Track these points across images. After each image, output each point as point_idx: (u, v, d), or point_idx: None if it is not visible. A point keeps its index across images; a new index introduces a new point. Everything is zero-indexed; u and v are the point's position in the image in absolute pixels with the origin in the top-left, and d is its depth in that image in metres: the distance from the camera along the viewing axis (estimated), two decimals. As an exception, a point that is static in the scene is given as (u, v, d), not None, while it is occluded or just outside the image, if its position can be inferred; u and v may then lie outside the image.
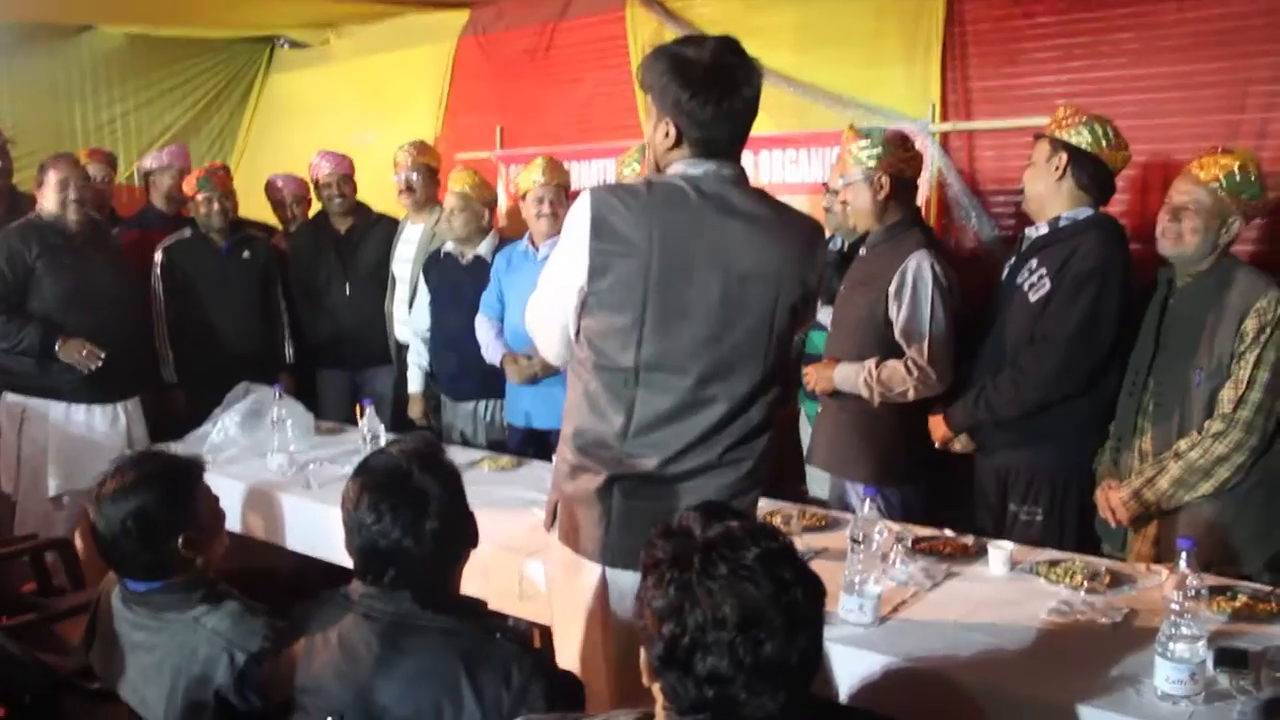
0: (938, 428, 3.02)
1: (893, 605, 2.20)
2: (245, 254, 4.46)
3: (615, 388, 2.00)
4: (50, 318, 3.85)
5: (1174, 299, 2.68)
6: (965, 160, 3.74)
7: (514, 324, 3.69)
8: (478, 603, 1.86)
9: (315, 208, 4.79)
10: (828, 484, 3.27)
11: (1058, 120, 2.85)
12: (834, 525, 2.77)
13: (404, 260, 4.41)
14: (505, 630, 1.80)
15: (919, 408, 3.02)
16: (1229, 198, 2.55)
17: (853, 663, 2.00)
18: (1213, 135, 3.03)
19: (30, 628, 2.50)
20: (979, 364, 2.98)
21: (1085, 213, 2.83)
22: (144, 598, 2.00)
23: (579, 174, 4.57)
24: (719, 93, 1.93)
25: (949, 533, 2.66)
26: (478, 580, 2.01)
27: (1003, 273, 3.03)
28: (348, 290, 4.49)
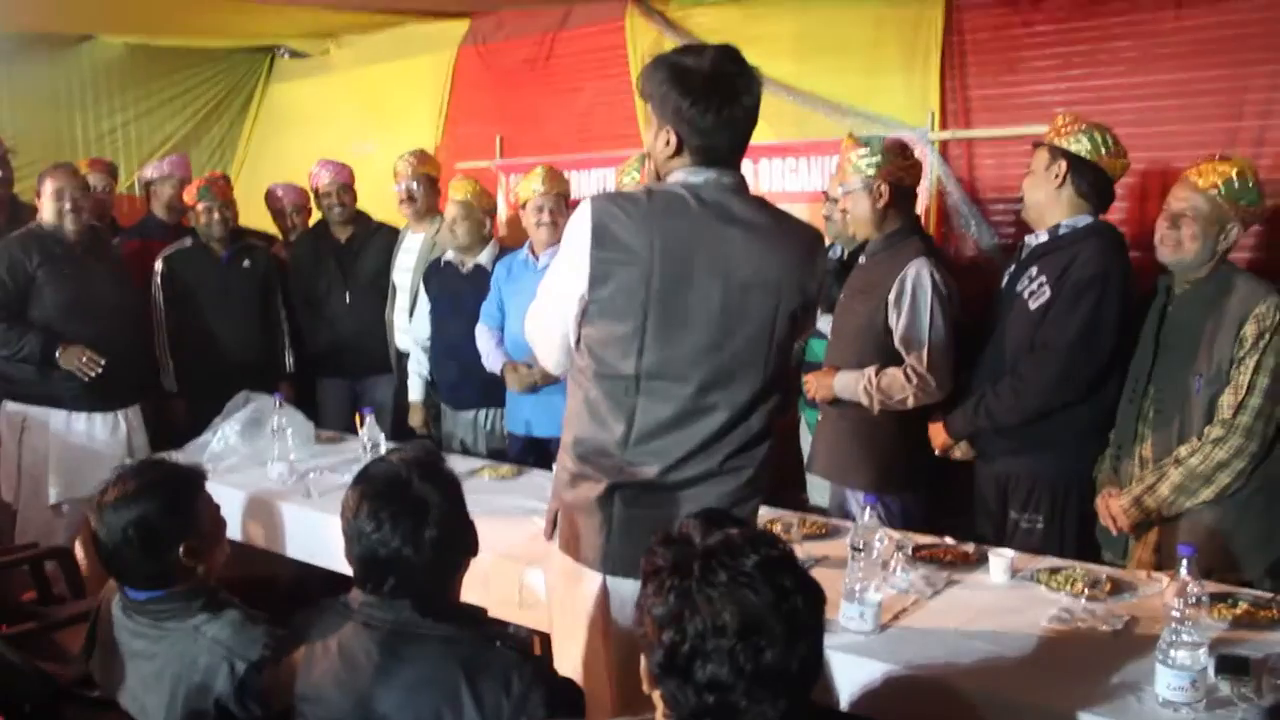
0: (938, 435, 3.02)
1: (893, 613, 2.20)
2: (245, 263, 4.46)
3: (616, 396, 2.00)
4: (51, 326, 3.85)
5: (1173, 306, 2.69)
6: (965, 168, 3.75)
7: (514, 333, 3.70)
8: (478, 610, 1.86)
9: (315, 217, 4.79)
10: (828, 492, 3.26)
11: (1056, 128, 2.86)
12: (834, 533, 2.77)
13: (404, 269, 4.41)
14: (505, 638, 1.79)
15: (919, 415, 3.02)
16: (1227, 204, 2.56)
17: (853, 670, 2.00)
18: (1211, 143, 3.04)
19: (30, 636, 2.49)
20: (979, 372, 2.98)
21: (1085, 220, 2.84)
22: (144, 606, 2.00)
23: (579, 183, 4.57)
24: (719, 101, 1.94)
25: (949, 540, 2.66)
26: (478, 589, 2.01)
27: (1002, 281, 3.04)
28: (348, 299, 4.48)
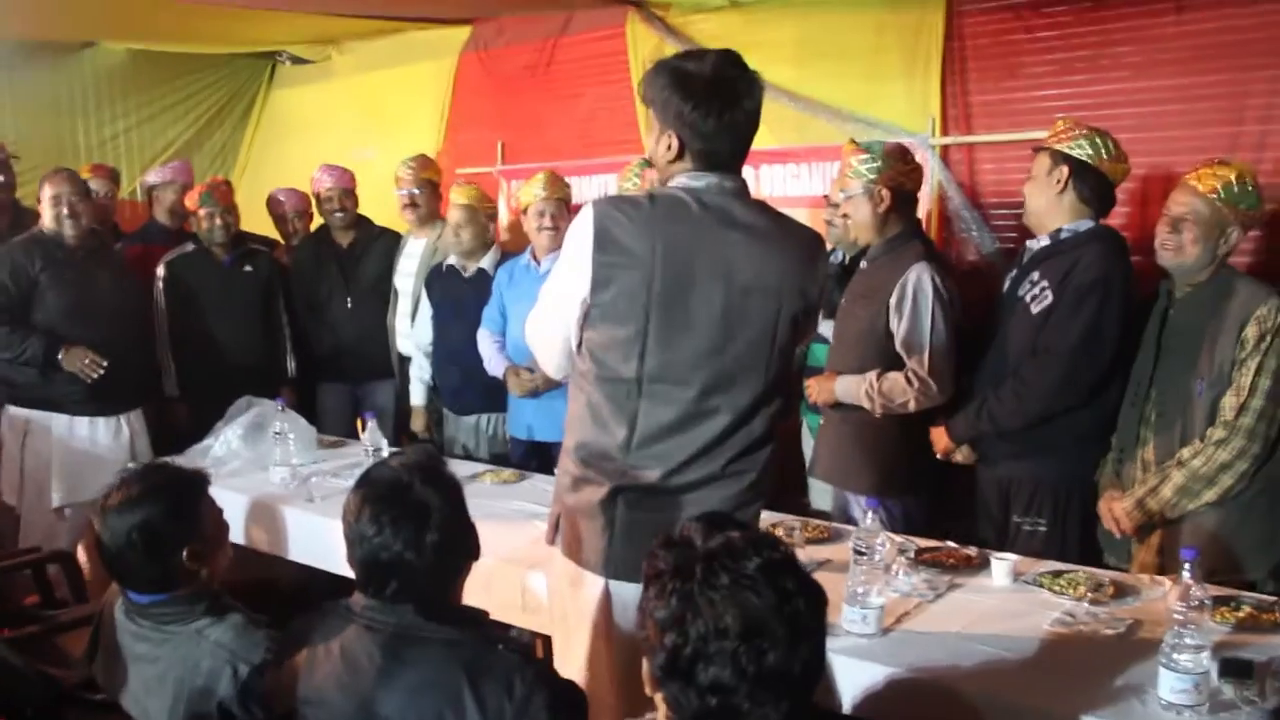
0: (940, 439, 3.01)
1: (896, 616, 2.20)
2: (247, 268, 4.46)
3: (618, 399, 2.00)
4: (54, 330, 3.85)
5: (1174, 309, 2.69)
6: (966, 174, 3.75)
7: (516, 337, 3.70)
8: (479, 613, 1.85)
9: (317, 222, 4.79)
10: (830, 496, 3.26)
11: (1057, 133, 2.86)
12: (837, 537, 2.77)
13: (406, 274, 4.41)
14: (507, 641, 1.79)
15: (920, 420, 3.02)
16: (1227, 208, 2.56)
17: (856, 674, 2.00)
18: (1212, 148, 3.04)
19: (33, 640, 2.49)
20: (981, 376, 2.98)
21: (1086, 225, 2.84)
22: (147, 610, 2.00)
23: (580, 189, 4.57)
24: (720, 105, 1.94)
25: (952, 544, 2.66)
26: (480, 592, 2.00)
27: (1003, 285, 3.04)
28: (349, 304, 4.48)
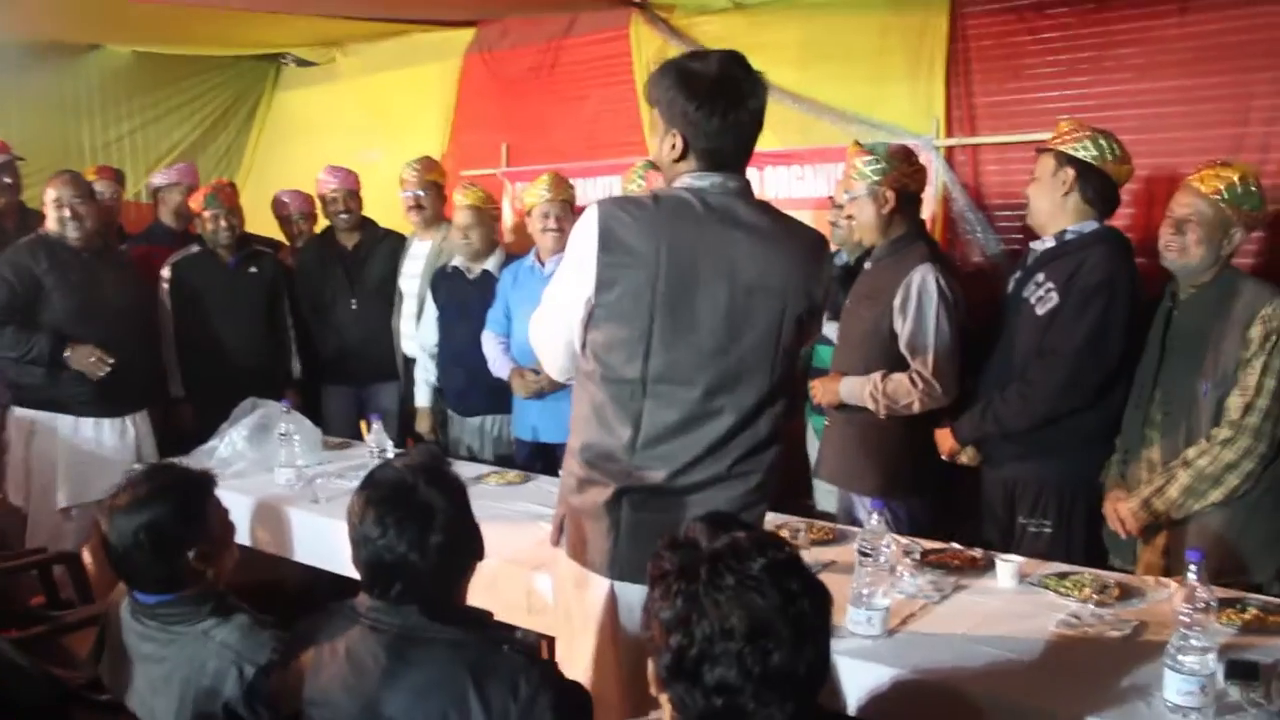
0: (945, 440, 3.01)
1: (901, 618, 2.20)
2: (252, 269, 4.46)
3: (622, 400, 2.00)
4: (60, 331, 3.86)
5: (1178, 310, 2.69)
6: (970, 175, 3.75)
7: (520, 339, 3.70)
8: (484, 614, 1.85)
9: (321, 224, 4.79)
10: (835, 497, 3.26)
11: (1061, 134, 2.86)
12: (842, 539, 2.77)
13: (411, 276, 4.41)
14: (512, 642, 1.79)
15: (925, 421, 3.02)
16: (1230, 209, 2.56)
17: (861, 675, 2.00)
18: (1216, 149, 3.03)
19: (39, 640, 2.50)
20: (986, 377, 2.98)
21: (1091, 226, 2.84)
22: (154, 610, 2.00)
23: (584, 190, 4.58)
24: (724, 104, 1.95)
25: (957, 546, 2.65)
26: (485, 593, 2.00)
27: (1008, 286, 3.04)
28: (354, 306, 4.49)
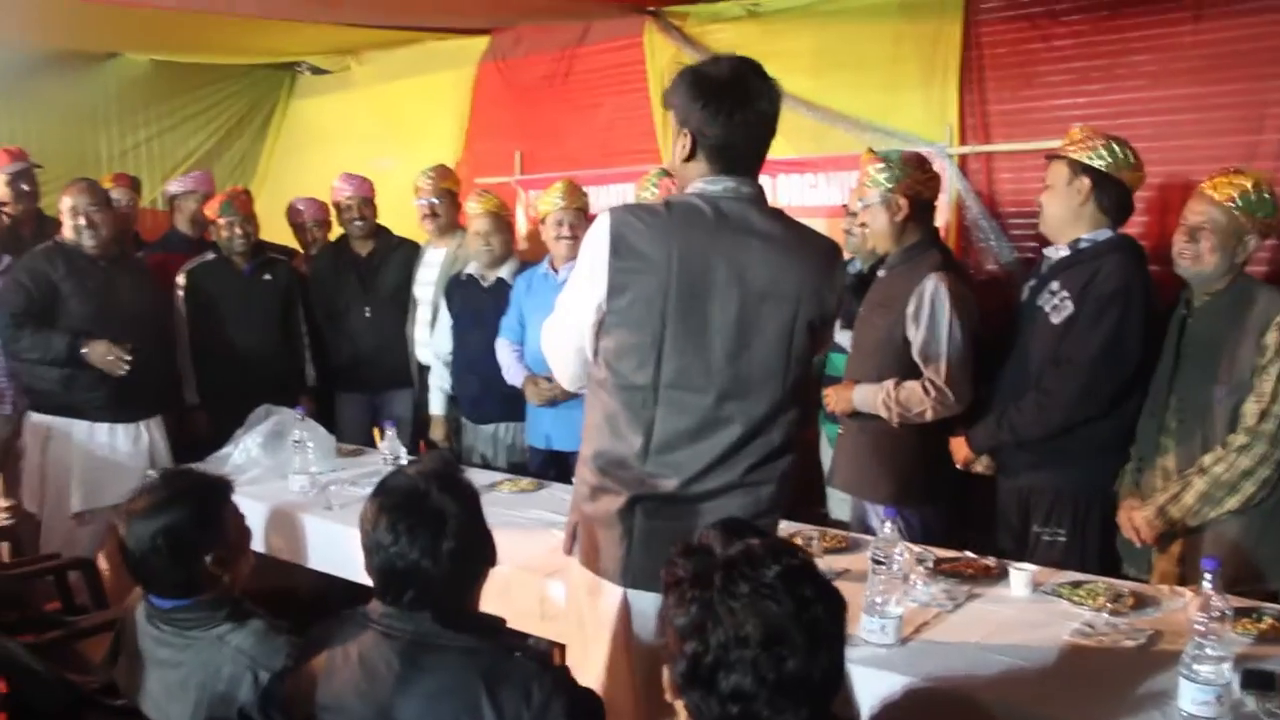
0: (960, 449, 3.01)
1: (914, 626, 2.19)
2: (267, 276, 4.49)
3: (634, 407, 2.00)
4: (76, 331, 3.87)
5: (1192, 318, 2.68)
6: (984, 183, 3.74)
7: (534, 347, 3.71)
8: (496, 620, 1.85)
9: (336, 232, 4.81)
10: (849, 506, 3.26)
11: (1074, 141, 2.85)
12: (855, 547, 2.76)
13: (425, 284, 4.42)
14: (525, 648, 1.79)
15: (939, 429, 3.01)
16: (1244, 216, 2.56)
17: (874, 683, 1.99)
18: (1230, 157, 3.03)
19: (54, 645, 2.51)
20: (1001, 385, 2.97)
21: (1105, 234, 2.83)
22: (170, 615, 2.01)
23: (598, 198, 4.57)
24: (731, 103, 1.96)
25: (970, 554, 2.64)
26: (498, 600, 2.01)
27: (1022, 294, 3.03)
28: (368, 313, 4.50)
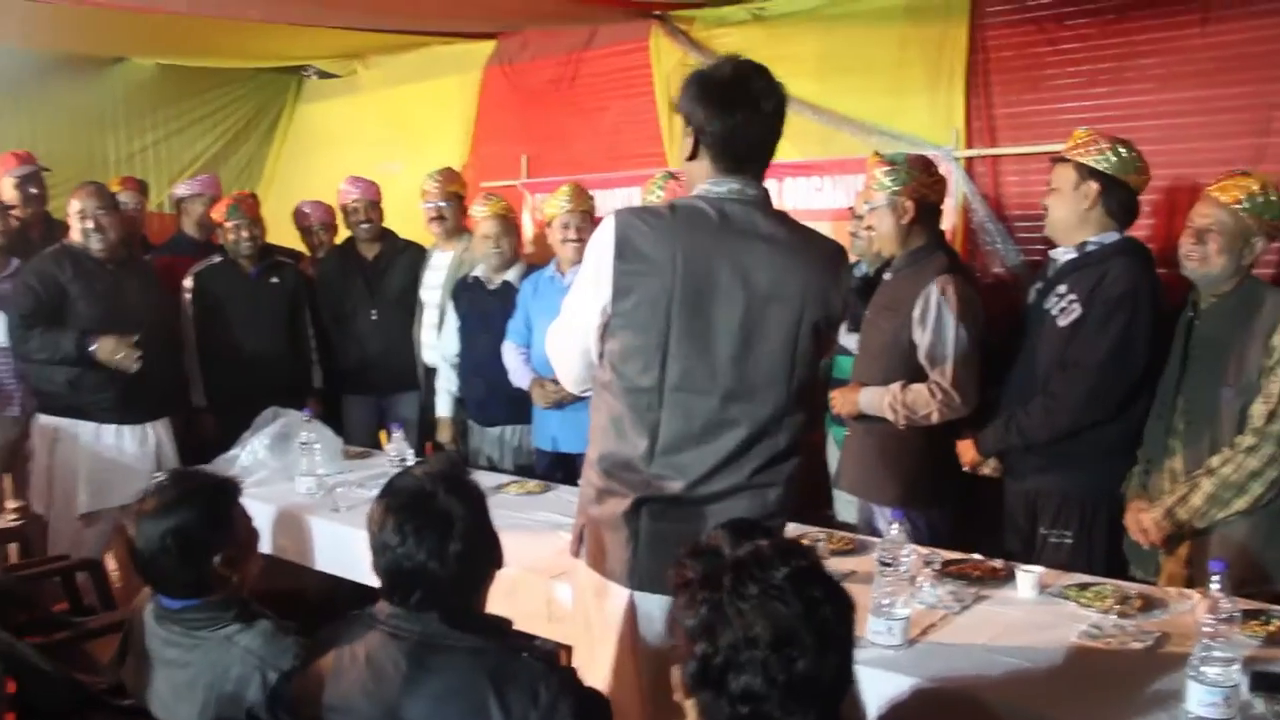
0: (967, 451, 3.00)
1: (921, 628, 2.19)
2: (274, 279, 4.50)
3: (639, 410, 2.00)
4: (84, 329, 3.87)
5: (1199, 319, 2.68)
6: (990, 186, 3.74)
7: (540, 350, 3.70)
8: (503, 622, 1.85)
9: (342, 235, 4.82)
10: (855, 508, 3.26)
11: (1079, 145, 2.85)
12: (862, 549, 2.76)
13: (432, 287, 4.43)
14: (532, 649, 1.79)
15: (945, 431, 3.01)
16: (1251, 218, 2.56)
17: (881, 685, 1.99)
18: (1237, 160, 3.02)
19: (62, 646, 2.51)
20: (1008, 388, 2.97)
21: (1112, 237, 2.83)
22: (178, 615, 2.01)
23: (604, 201, 4.57)
24: (732, 102, 1.97)
25: (978, 556, 2.64)
26: (505, 601, 2.01)
27: (1029, 297, 3.03)
28: (374, 316, 4.51)
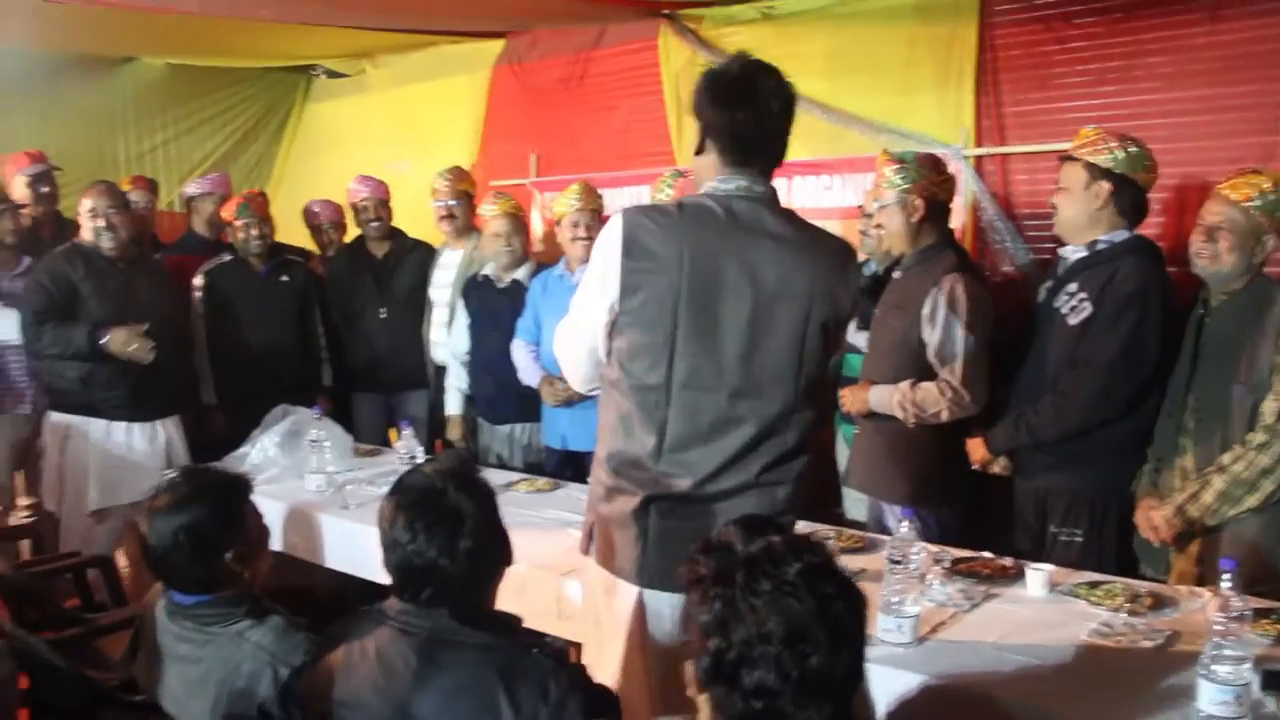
0: (977, 450, 3.00)
1: (931, 626, 2.19)
2: (284, 278, 4.51)
3: (647, 408, 2.01)
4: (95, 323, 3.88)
5: (1210, 317, 2.67)
6: (999, 185, 3.73)
7: (550, 348, 3.71)
8: (513, 618, 1.86)
9: (352, 233, 4.83)
10: (865, 506, 3.25)
11: (1087, 143, 2.84)
12: (872, 547, 2.76)
13: (442, 286, 4.43)
14: (542, 646, 1.80)
15: (955, 430, 3.00)
16: (1262, 216, 2.55)
17: (891, 682, 1.99)
18: (1246, 158, 3.02)
19: (74, 642, 2.53)
20: (1018, 387, 2.96)
21: (1122, 235, 2.83)
22: (190, 611, 2.02)
23: (613, 200, 4.57)
24: (738, 97, 1.98)
25: (987, 554, 2.64)
26: (515, 598, 2.01)
27: (1038, 296, 3.03)
28: (383, 314, 4.52)
